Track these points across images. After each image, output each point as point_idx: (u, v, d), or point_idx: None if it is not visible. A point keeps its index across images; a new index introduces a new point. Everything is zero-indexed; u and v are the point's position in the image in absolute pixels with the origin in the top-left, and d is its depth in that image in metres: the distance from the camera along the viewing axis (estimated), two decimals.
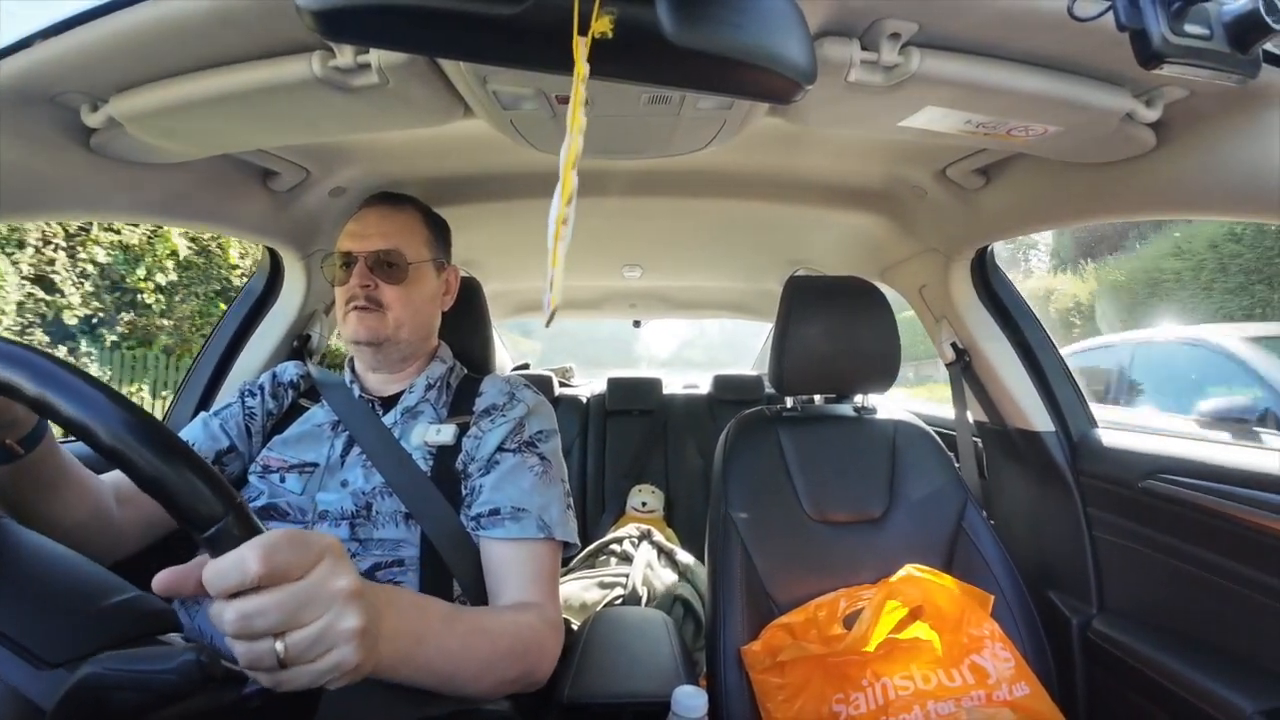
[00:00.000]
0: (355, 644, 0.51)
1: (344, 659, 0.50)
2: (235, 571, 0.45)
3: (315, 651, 0.48)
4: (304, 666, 0.48)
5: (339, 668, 0.50)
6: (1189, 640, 1.12)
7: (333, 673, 0.49)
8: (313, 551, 0.50)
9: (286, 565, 0.47)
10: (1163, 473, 1.16)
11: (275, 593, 0.46)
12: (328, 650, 0.49)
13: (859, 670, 1.03)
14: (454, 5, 0.46)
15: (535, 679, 0.84)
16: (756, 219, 1.77)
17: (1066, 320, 10.20)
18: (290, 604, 0.47)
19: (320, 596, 0.49)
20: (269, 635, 0.46)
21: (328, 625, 0.49)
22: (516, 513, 0.92)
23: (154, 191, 1.08)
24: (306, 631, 0.48)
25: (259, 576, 0.45)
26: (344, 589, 0.51)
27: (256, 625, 0.46)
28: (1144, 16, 0.50)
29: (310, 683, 0.48)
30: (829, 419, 1.44)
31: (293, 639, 0.47)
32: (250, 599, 0.46)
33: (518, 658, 0.80)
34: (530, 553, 0.92)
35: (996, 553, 1.24)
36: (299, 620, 0.47)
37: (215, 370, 1.48)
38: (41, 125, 0.86)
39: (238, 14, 0.69)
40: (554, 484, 0.99)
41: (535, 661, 0.84)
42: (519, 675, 0.81)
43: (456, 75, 0.81)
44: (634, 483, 2.74)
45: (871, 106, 0.83)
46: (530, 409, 1.05)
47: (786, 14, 0.52)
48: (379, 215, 1.07)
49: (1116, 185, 1.00)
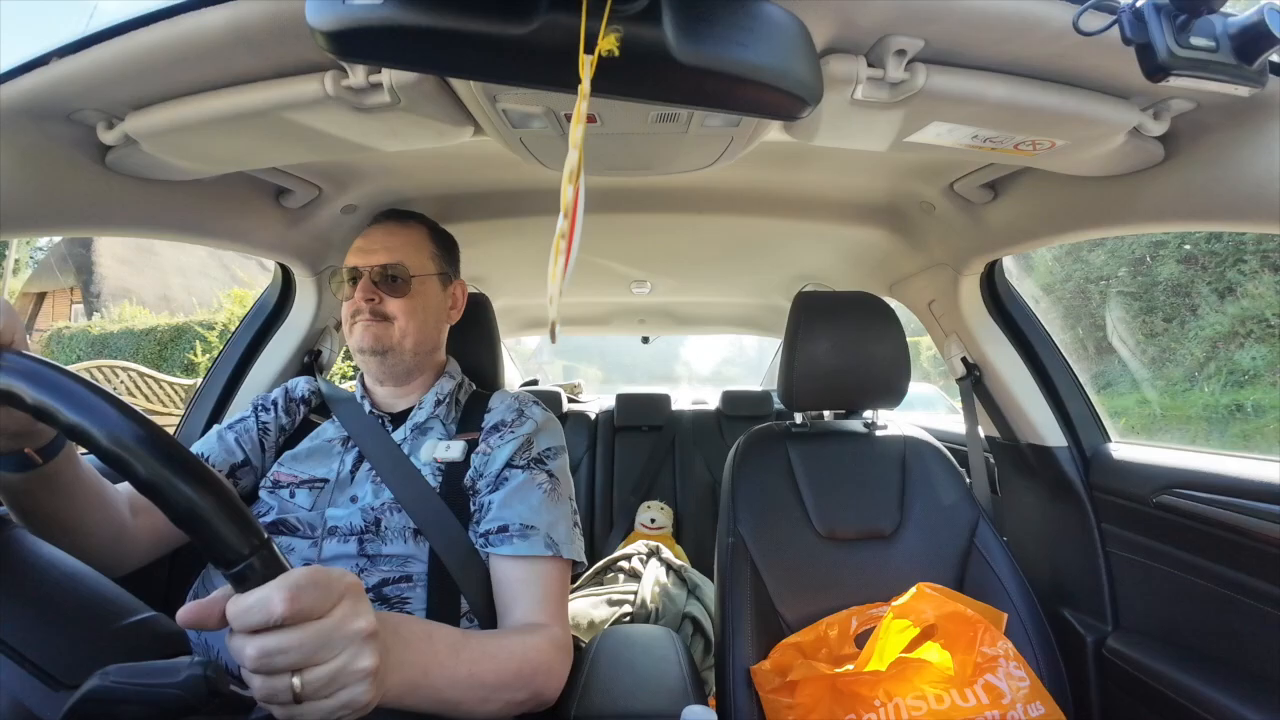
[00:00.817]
0: (368, 684, 0.52)
1: (355, 698, 0.51)
2: (260, 611, 0.46)
3: (329, 690, 0.50)
4: (317, 703, 0.49)
5: (349, 706, 0.51)
6: (1206, 658, 1.10)
7: (343, 710, 0.51)
8: (335, 592, 0.51)
9: (311, 606, 0.48)
10: (1178, 487, 1.15)
11: (297, 632, 0.47)
12: (341, 689, 0.50)
13: (871, 690, 1.01)
14: (465, 26, 0.47)
15: (543, 700, 0.85)
16: (764, 235, 1.78)
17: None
18: (311, 644, 0.48)
19: (339, 637, 0.50)
20: (287, 672, 0.48)
21: (344, 665, 0.50)
22: (525, 530, 0.92)
23: (168, 208, 1.09)
24: (323, 670, 0.49)
25: (284, 617, 0.46)
26: (362, 630, 0.52)
27: (277, 663, 0.47)
28: (1149, 29, 0.50)
29: (320, 718, 0.49)
30: (838, 435, 1.43)
31: (309, 676, 0.48)
32: (272, 636, 0.47)
33: (525, 681, 0.80)
34: (538, 571, 0.92)
35: (1009, 570, 1.22)
36: (317, 659, 0.49)
37: (227, 385, 1.49)
38: (58, 142, 0.88)
39: (252, 34, 0.70)
40: (562, 502, 1.00)
41: (543, 684, 0.84)
42: (527, 698, 0.81)
43: (467, 94, 0.82)
44: (642, 499, 2.73)
45: (878, 123, 0.83)
46: (539, 425, 1.06)
47: (792, 32, 0.52)
48: (385, 231, 1.08)
49: (1125, 198, 1.00)
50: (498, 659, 0.78)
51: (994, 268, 1.48)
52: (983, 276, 1.48)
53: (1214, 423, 6.42)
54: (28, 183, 0.88)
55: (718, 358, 8.19)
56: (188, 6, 0.67)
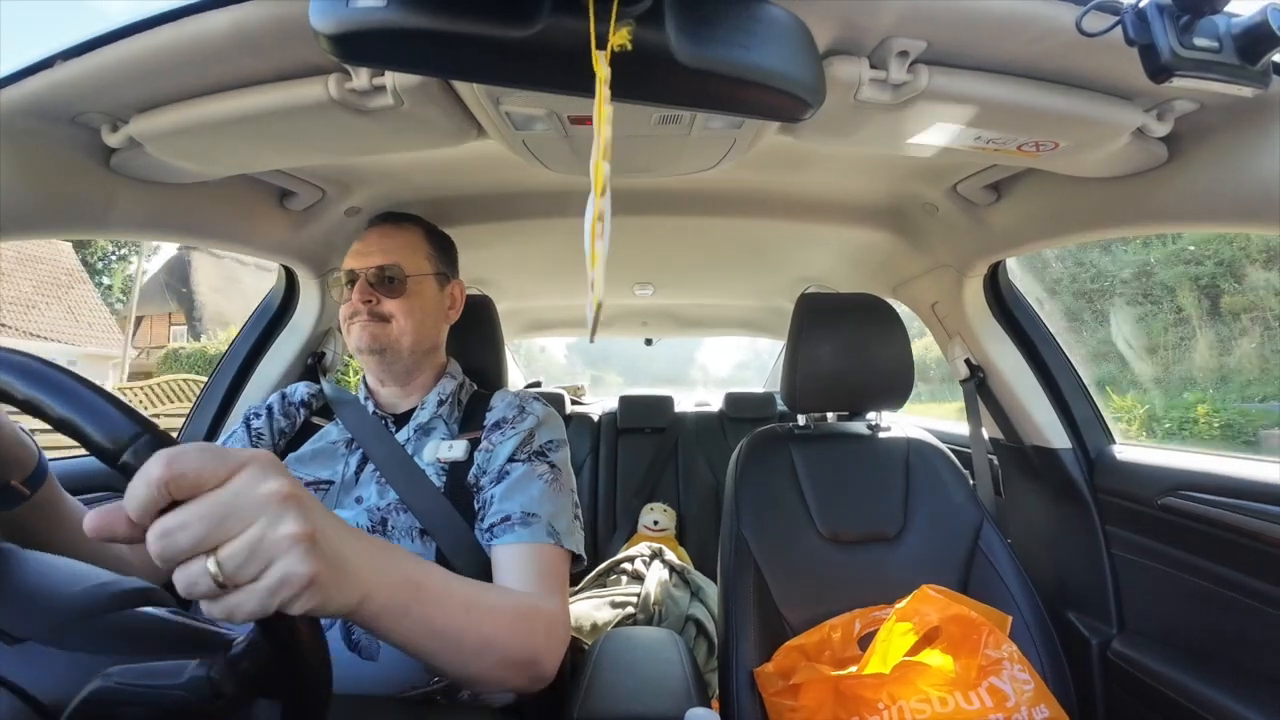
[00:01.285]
0: (300, 551, 0.45)
1: (290, 570, 0.45)
2: (142, 484, 0.41)
3: (254, 566, 0.43)
4: (248, 586, 0.43)
5: (287, 581, 0.44)
6: (1211, 661, 1.10)
7: (284, 589, 0.44)
8: (231, 460, 0.45)
9: (198, 471, 0.42)
10: (1183, 489, 1.14)
11: (193, 504, 0.42)
12: (268, 564, 0.44)
13: (874, 693, 1.01)
14: (467, 28, 0.47)
15: (540, 672, 0.80)
16: (767, 237, 1.78)
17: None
18: (211, 513, 0.42)
19: (245, 503, 0.44)
20: (198, 554, 0.42)
21: (261, 534, 0.44)
22: (526, 518, 0.92)
23: (173, 210, 1.09)
24: (237, 543, 0.43)
25: (163, 481, 0.41)
26: (274, 491, 0.45)
27: (179, 541, 0.41)
28: (1152, 30, 0.50)
29: (261, 605, 0.43)
30: (842, 437, 1.43)
31: (224, 553, 0.42)
32: (169, 514, 0.42)
33: (522, 638, 0.77)
34: (538, 555, 0.91)
35: (1014, 572, 1.22)
36: (226, 531, 0.43)
37: (230, 387, 1.49)
38: (63, 144, 0.88)
39: (256, 37, 0.70)
40: (563, 493, 0.99)
41: (542, 647, 0.80)
42: (523, 659, 0.77)
43: (470, 97, 0.83)
44: (645, 501, 2.73)
45: (881, 124, 0.83)
46: (540, 420, 1.06)
47: (795, 34, 0.52)
48: (380, 234, 1.09)
49: (1129, 199, 1.00)
50: (495, 607, 0.75)
51: (997, 269, 1.48)
52: (986, 278, 1.48)
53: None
54: (33, 185, 0.89)
55: (733, 361, 8.18)
56: (192, 9, 0.68)
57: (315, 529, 0.47)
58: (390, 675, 0.86)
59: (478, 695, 0.93)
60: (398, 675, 0.86)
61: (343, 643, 0.86)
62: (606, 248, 0.47)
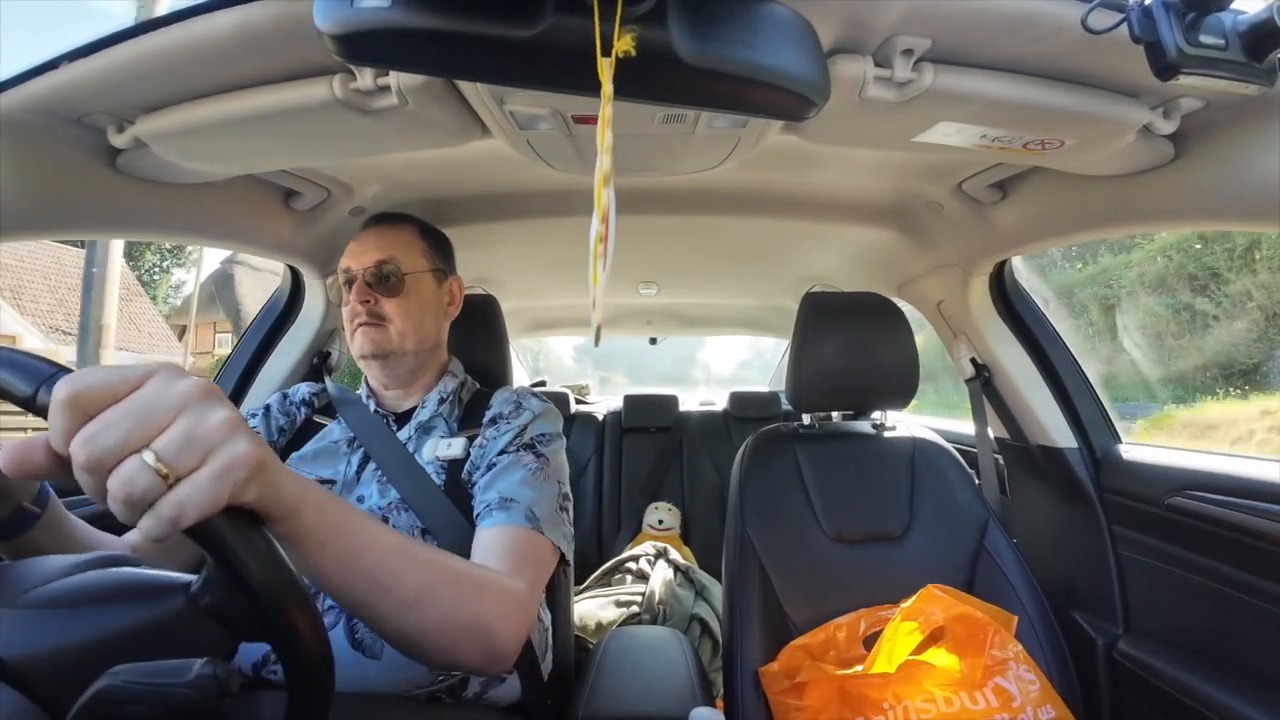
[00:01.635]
0: (240, 434, 0.44)
1: (236, 451, 0.43)
2: (56, 412, 0.40)
3: (195, 451, 0.41)
4: (194, 475, 0.41)
5: (235, 462, 0.43)
6: (1218, 662, 1.09)
7: (233, 470, 0.43)
8: (138, 370, 0.43)
9: (105, 382, 0.41)
10: (1189, 489, 1.14)
11: (112, 408, 0.40)
12: (210, 449, 0.42)
13: (879, 692, 1.01)
14: (471, 28, 0.47)
15: (492, 645, 0.74)
16: (772, 236, 1.78)
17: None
18: (133, 410, 0.41)
19: (166, 398, 0.42)
20: (128, 453, 0.40)
21: (193, 422, 0.42)
22: (504, 503, 0.91)
23: (179, 210, 1.10)
24: (172, 431, 0.41)
25: (73, 398, 0.39)
26: (193, 387, 0.43)
27: (105, 440, 0.39)
28: (1158, 27, 0.50)
29: (213, 492, 0.41)
30: (847, 436, 1.43)
31: (160, 443, 0.40)
32: (89, 424, 0.40)
33: (467, 602, 0.71)
34: (509, 535, 0.88)
35: (1019, 572, 1.21)
36: (155, 424, 0.41)
37: (236, 386, 1.50)
38: (69, 145, 0.89)
39: (261, 37, 0.70)
40: (549, 482, 0.98)
41: (494, 618, 0.74)
42: (469, 625, 0.71)
43: (474, 96, 0.83)
44: (650, 500, 2.73)
45: (885, 123, 0.83)
46: (535, 414, 1.06)
47: (799, 32, 0.52)
48: (375, 234, 1.09)
49: (1135, 198, 0.99)
50: (437, 561, 0.71)
51: (1003, 268, 1.48)
52: (992, 277, 1.48)
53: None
54: (39, 185, 0.89)
55: (735, 360, 8.21)
56: (196, 10, 0.68)
57: (242, 419, 0.46)
58: (394, 674, 0.86)
59: (484, 694, 0.93)
60: (402, 674, 0.86)
61: (346, 641, 0.87)
62: (608, 268, 0.47)
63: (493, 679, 0.94)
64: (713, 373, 9.01)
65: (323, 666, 0.48)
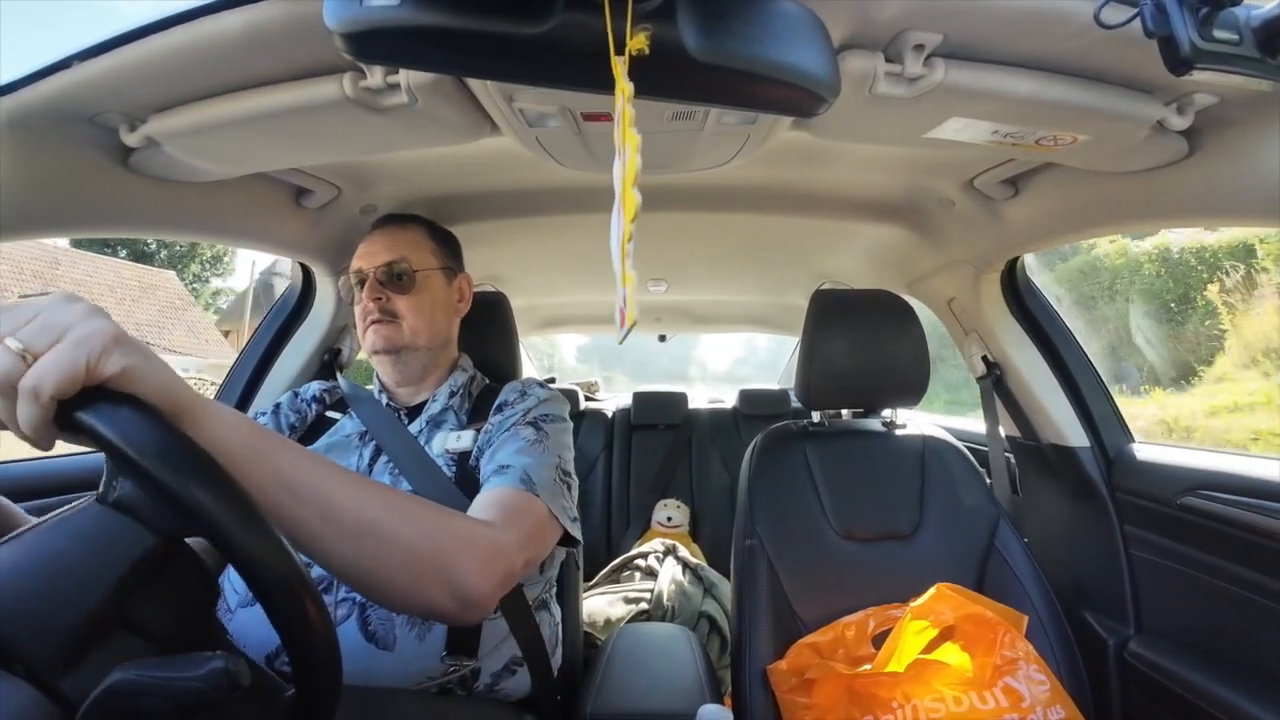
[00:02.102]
0: (97, 316, 0.46)
1: (90, 327, 0.45)
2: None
3: (51, 332, 0.44)
4: (55, 352, 0.43)
5: (89, 333, 0.44)
6: (1230, 663, 1.08)
7: (89, 340, 0.44)
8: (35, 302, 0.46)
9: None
10: (1202, 488, 1.13)
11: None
12: (66, 329, 0.44)
13: (888, 691, 1.00)
14: (480, 26, 0.47)
15: (458, 586, 0.68)
16: (781, 233, 1.77)
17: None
18: (12, 313, 0.44)
19: (28, 307, 0.45)
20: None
21: (51, 313, 0.45)
22: (501, 469, 0.91)
23: (190, 209, 1.11)
24: (33, 323, 0.44)
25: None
26: (55, 296, 0.47)
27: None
28: (1171, 22, 0.50)
29: (69, 361, 0.43)
30: (857, 434, 1.42)
31: (23, 331, 0.43)
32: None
33: (425, 537, 0.67)
34: (499, 493, 0.86)
35: (1030, 572, 1.21)
36: (19, 320, 0.44)
37: (249, 383, 1.51)
38: (81, 144, 0.89)
39: (271, 36, 0.71)
40: (547, 453, 0.97)
41: (456, 556, 0.69)
42: (430, 564, 0.67)
43: (483, 94, 0.83)
44: (659, 497, 2.73)
45: (896, 119, 0.83)
46: (540, 400, 1.07)
47: (809, 28, 0.52)
48: (385, 234, 1.11)
49: (1148, 194, 0.98)
50: (389, 493, 0.68)
51: (1015, 265, 1.46)
52: (1003, 274, 1.47)
53: None
54: (52, 184, 0.90)
55: (731, 358, 8.27)
56: (207, 9, 0.68)
57: (104, 313, 0.47)
58: (407, 666, 0.87)
59: (494, 686, 0.94)
60: (414, 666, 0.87)
61: (359, 633, 0.87)
62: (634, 267, 0.47)
63: (504, 671, 0.95)
64: (709, 370, 9.11)
65: (329, 661, 0.48)
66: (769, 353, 3.94)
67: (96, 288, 16.59)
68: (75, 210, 0.96)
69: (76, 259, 18.83)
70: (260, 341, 1.55)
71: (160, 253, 24.42)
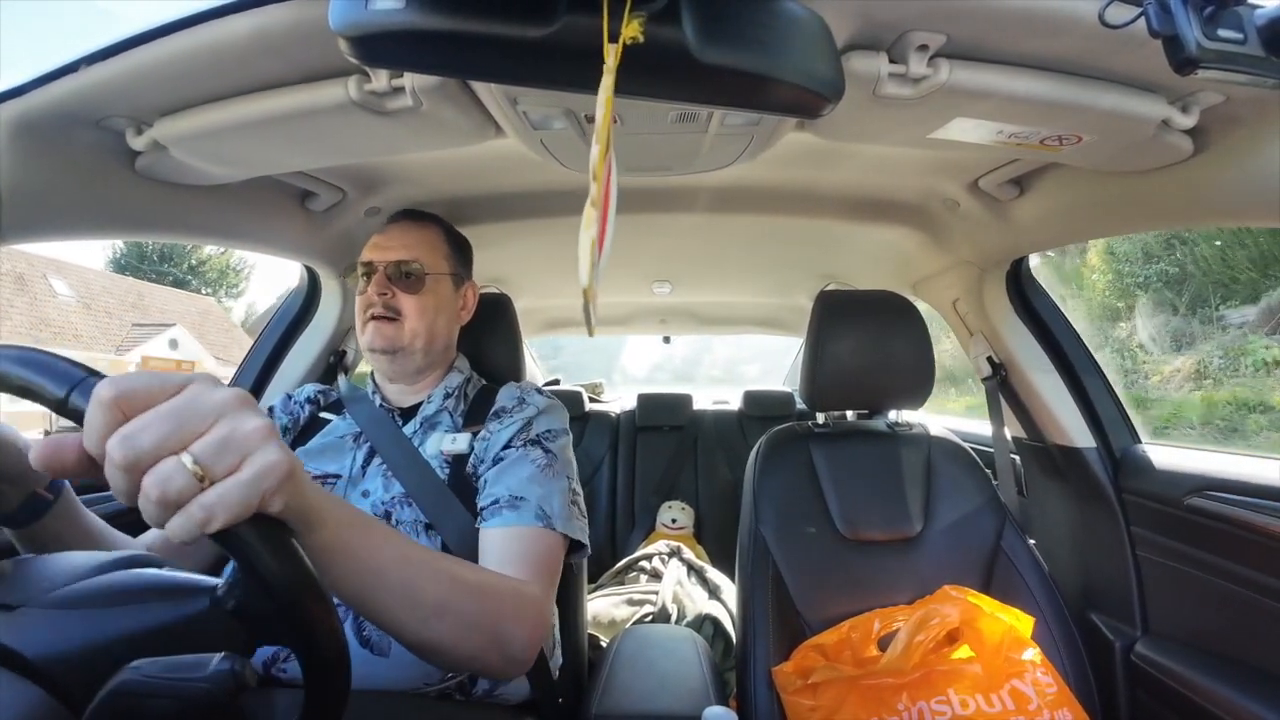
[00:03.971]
0: (275, 443, 0.44)
1: (269, 459, 0.43)
2: (95, 409, 0.40)
3: (231, 455, 0.42)
4: (230, 480, 0.42)
5: (269, 469, 0.43)
6: (1237, 665, 1.08)
7: (266, 478, 0.43)
8: (177, 377, 0.44)
9: (146, 387, 0.42)
10: (1210, 490, 1.12)
11: (151, 411, 0.41)
12: (245, 454, 0.43)
13: (894, 694, 1.00)
14: (484, 29, 0.47)
15: (509, 650, 0.76)
16: (786, 234, 1.77)
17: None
18: (172, 413, 0.41)
19: (202, 406, 0.42)
20: (165, 454, 0.40)
21: (230, 428, 0.43)
22: (515, 501, 0.91)
23: (196, 212, 1.11)
24: (210, 436, 0.42)
25: (114, 400, 0.40)
26: (229, 396, 0.44)
27: (142, 441, 0.40)
28: (1176, 22, 0.49)
29: (244, 497, 0.42)
30: (862, 435, 1.42)
31: (198, 446, 0.41)
32: (128, 423, 0.40)
33: (488, 611, 0.73)
34: (523, 538, 0.89)
35: (1037, 573, 1.20)
36: (193, 429, 0.42)
37: (254, 386, 1.51)
38: (88, 148, 0.90)
39: (277, 40, 0.71)
40: (558, 478, 0.98)
41: (510, 624, 0.76)
42: (487, 633, 0.73)
43: (488, 97, 0.83)
44: (664, 499, 2.73)
45: (901, 119, 0.83)
46: (540, 410, 1.07)
47: (813, 29, 0.52)
48: (401, 229, 1.10)
49: (1154, 194, 0.98)
50: (456, 572, 0.72)
51: (1020, 265, 1.46)
52: (1009, 274, 1.46)
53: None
54: (60, 188, 0.91)
55: (724, 358, 8.36)
56: (213, 13, 0.69)
57: (275, 428, 0.46)
58: (403, 671, 0.87)
59: (493, 691, 0.94)
60: (411, 671, 0.87)
61: (355, 639, 0.87)
62: (603, 264, 0.47)
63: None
64: (686, 371, 9.21)
65: (340, 668, 0.48)
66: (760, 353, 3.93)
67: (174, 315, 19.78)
68: (81, 214, 0.97)
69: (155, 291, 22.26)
70: (265, 344, 1.56)
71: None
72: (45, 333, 16.75)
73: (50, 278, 18.19)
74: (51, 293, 17.93)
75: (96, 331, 18.35)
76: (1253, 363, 6.75)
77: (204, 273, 28.46)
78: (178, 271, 27.62)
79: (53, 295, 17.93)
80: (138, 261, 27.29)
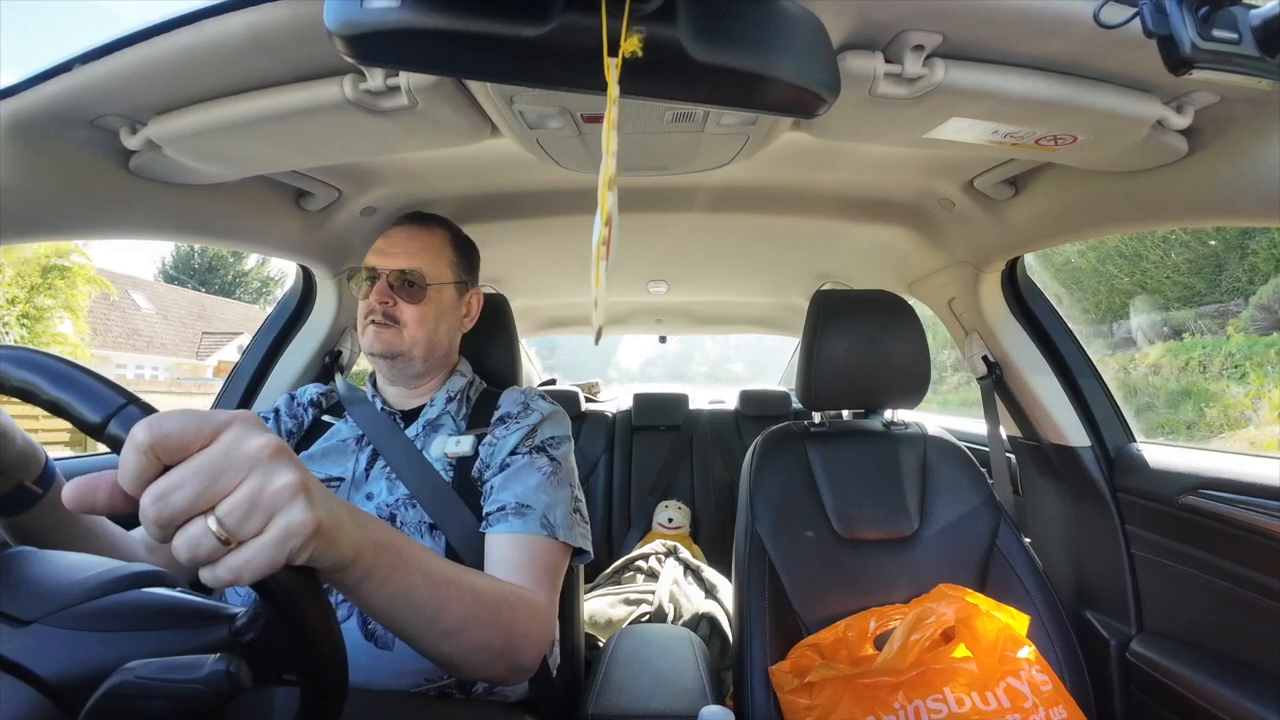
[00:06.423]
0: (302, 500, 0.45)
1: (293, 519, 0.44)
2: (131, 452, 0.40)
3: (256, 519, 0.43)
4: (253, 542, 0.42)
5: (294, 530, 0.44)
6: (1232, 662, 1.08)
7: (291, 538, 0.44)
8: (214, 419, 0.44)
9: (181, 432, 0.42)
10: (1204, 488, 1.13)
11: (184, 464, 0.41)
12: (271, 515, 0.43)
13: (890, 692, 1.00)
14: (480, 28, 0.47)
15: (517, 661, 0.79)
16: (782, 233, 1.77)
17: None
18: (204, 470, 0.41)
19: (235, 458, 0.43)
20: (195, 514, 0.41)
21: (258, 486, 0.43)
22: (521, 509, 0.93)
23: (191, 212, 1.11)
24: (236, 497, 0.42)
25: (150, 445, 0.40)
26: (263, 445, 0.44)
27: (175, 502, 0.40)
28: (1171, 22, 0.49)
29: (270, 559, 0.42)
30: (858, 434, 1.42)
31: (223, 509, 0.41)
32: (162, 478, 0.41)
33: (501, 624, 0.75)
34: (528, 546, 0.91)
35: (1032, 572, 1.21)
36: (222, 488, 0.42)
37: (249, 386, 1.51)
38: (82, 147, 0.89)
39: (271, 39, 0.71)
40: (562, 486, 0.99)
41: (521, 636, 0.79)
42: (500, 646, 0.75)
43: (483, 96, 0.83)
44: (660, 499, 2.73)
45: (896, 119, 0.83)
46: (544, 416, 1.07)
47: (809, 28, 0.52)
48: (407, 234, 1.09)
49: (1149, 194, 0.98)
50: (476, 589, 0.73)
51: (1016, 265, 1.47)
52: (1004, 274, 1.47)
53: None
54: (53, 187, 0.90)
55: (714, 355, 8.40)
56: (207, 12, 0.68)
57: (307, 480, 0.47)
58: (406, 665, 0.87)
59: (492, 690, 0.94)
60: (413, 665, 0.87)
61: (359, 632, 0.87)
62: (610, 270, 0.47)
63: None
64: (695, 368, 9.17)
65: (338, 692, 0.49)
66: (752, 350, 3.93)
67: (231, 322, 21.68)
68: (76, 214, 0.96)
69: (212, 301, 23.93)
70: (261, 344, 1.55)
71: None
72: (139, 342, 18.99)
73: (132, 293, 19.87)
74: (135, 306, 19.95)
75: (177, 340, 20.51)
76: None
77: (247, 282, 29.31)
78: (222, 281, 28.48)
79: (137, 309, 19.95)
80: (186, 274, 28.10)
